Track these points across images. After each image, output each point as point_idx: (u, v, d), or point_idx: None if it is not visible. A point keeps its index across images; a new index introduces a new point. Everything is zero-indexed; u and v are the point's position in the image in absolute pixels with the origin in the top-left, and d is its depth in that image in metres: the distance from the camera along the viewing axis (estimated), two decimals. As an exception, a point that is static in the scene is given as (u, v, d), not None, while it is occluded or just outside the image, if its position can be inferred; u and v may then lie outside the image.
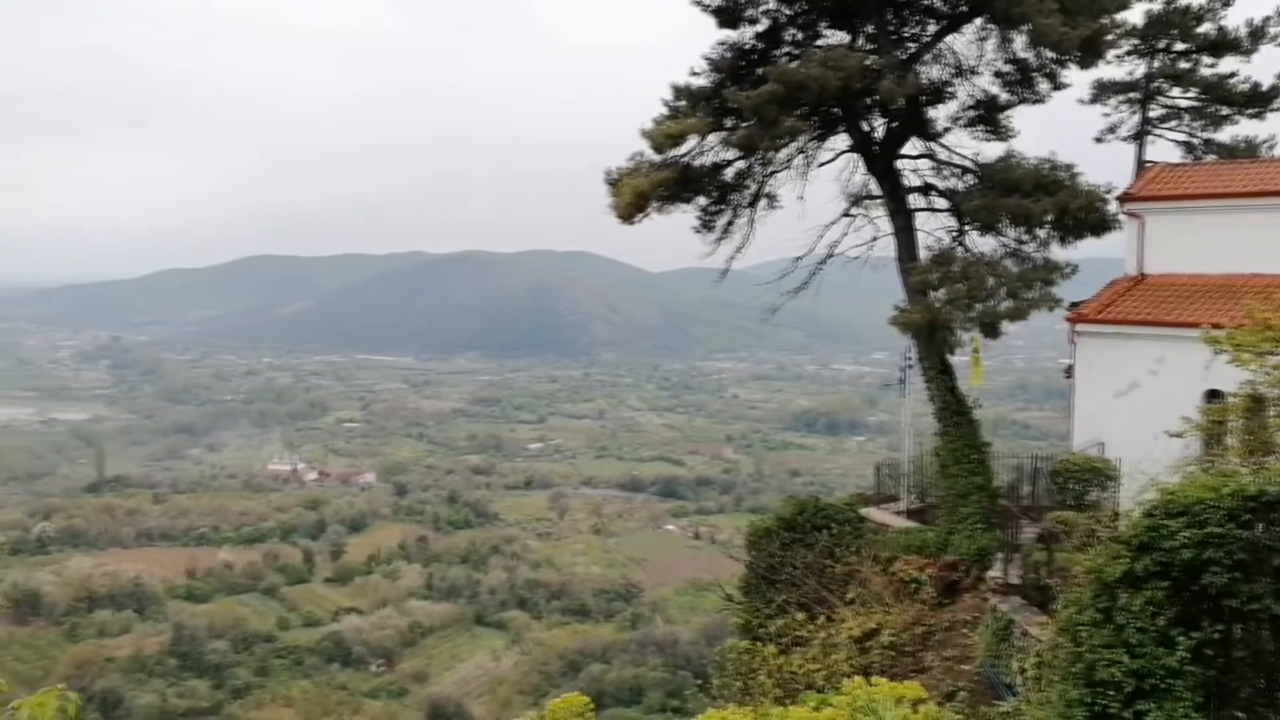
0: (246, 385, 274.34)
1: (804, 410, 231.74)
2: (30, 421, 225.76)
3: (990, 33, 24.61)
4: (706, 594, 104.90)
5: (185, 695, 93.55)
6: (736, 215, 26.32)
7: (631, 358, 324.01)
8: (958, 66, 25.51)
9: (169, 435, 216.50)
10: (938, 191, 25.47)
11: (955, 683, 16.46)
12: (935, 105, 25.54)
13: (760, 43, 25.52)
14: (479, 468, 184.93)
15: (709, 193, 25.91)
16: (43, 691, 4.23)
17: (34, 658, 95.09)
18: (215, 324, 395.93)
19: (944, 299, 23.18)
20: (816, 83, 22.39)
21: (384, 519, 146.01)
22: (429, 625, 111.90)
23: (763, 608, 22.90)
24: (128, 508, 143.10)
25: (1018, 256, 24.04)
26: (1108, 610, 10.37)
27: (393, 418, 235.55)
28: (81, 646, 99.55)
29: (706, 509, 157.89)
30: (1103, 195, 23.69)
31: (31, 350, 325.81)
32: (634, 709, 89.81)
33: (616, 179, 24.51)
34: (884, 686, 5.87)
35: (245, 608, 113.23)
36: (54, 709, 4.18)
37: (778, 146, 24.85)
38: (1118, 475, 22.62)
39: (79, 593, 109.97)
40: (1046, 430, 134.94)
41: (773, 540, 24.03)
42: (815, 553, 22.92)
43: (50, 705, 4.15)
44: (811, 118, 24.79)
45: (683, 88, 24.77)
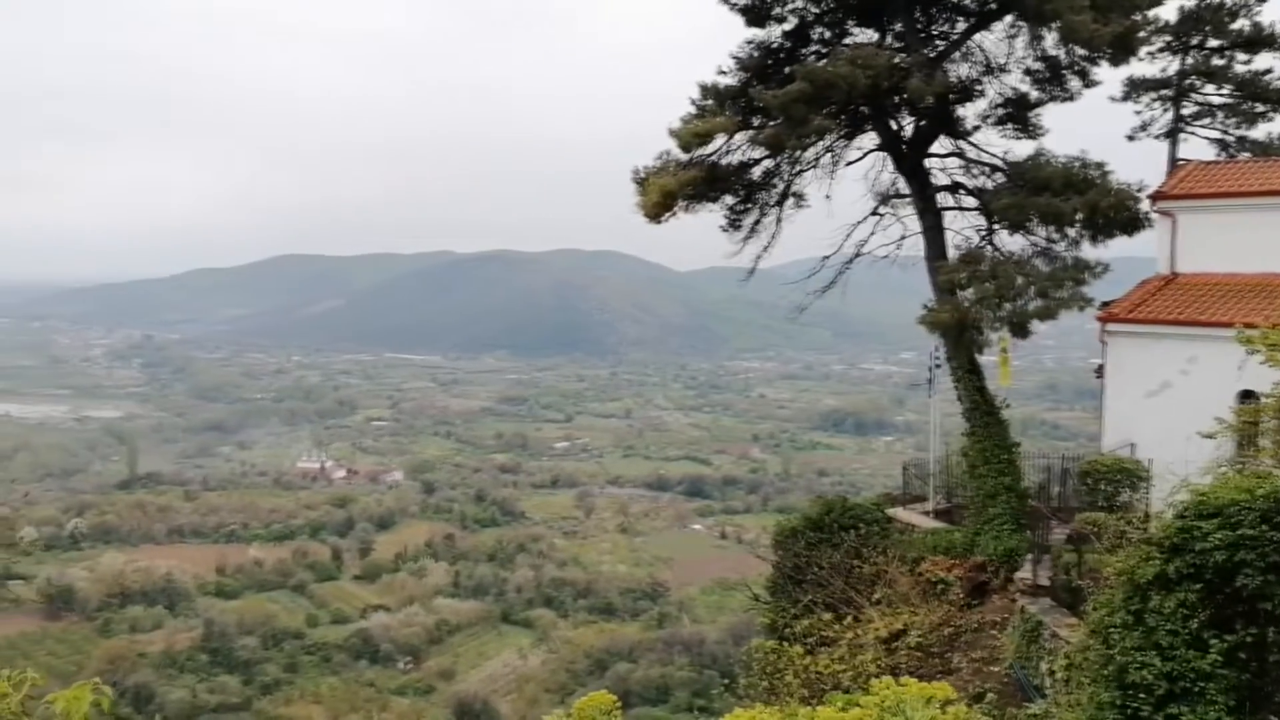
0: (276, 384, 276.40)
1: (831, 410, 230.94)
2: (64, 419, 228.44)
3: (1020, 30, 24.42)
4: (733, 593, 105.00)
5: (216, 691, 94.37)
6: (764, 214, 26.24)
7: (658, 357, 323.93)
8: (987, 64, 25.35)
9: (200, 433, 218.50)
10: (966, 190, 25.30)
11: (983, 684, 16.34)
12: (964, 103, 25.38)
13: (788, 41, 25.43)
14: (506, 466, 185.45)
15: (736, 192, 25.85)
16: (77, 686, 4.28)
17: (67, 652, 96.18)
18: (245, 323, 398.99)
19: (972, 298, 23.03)
20: (845, 81, 22.29)
21: (412, 517, 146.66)
22: (456, 623, 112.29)
23: (789, 608, 22.84)
24: (159, 505, 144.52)
25: (1047, 255, 23.83)
26: (1139, 612, 10.26)
27: (421, 416, 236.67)
28: (114, 642, 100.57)
29: (733, 508, 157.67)
30: (1134, 194, 23.45)
31: (65, 349, 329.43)
32: (660, 708, 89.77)
33: (644, 178, 24.49)
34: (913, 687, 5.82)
35: (275, 604, 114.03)
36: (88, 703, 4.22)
37: (805, 145, 24.77)
38: (1149, 476, 22.41)
39: (111, 588, 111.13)
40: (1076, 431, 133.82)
41: (799, 540, 23.96)
42: (842, 553, 22.84)
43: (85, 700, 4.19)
44: (839, 116, 24.68)
45: (710, 87, 24.73)
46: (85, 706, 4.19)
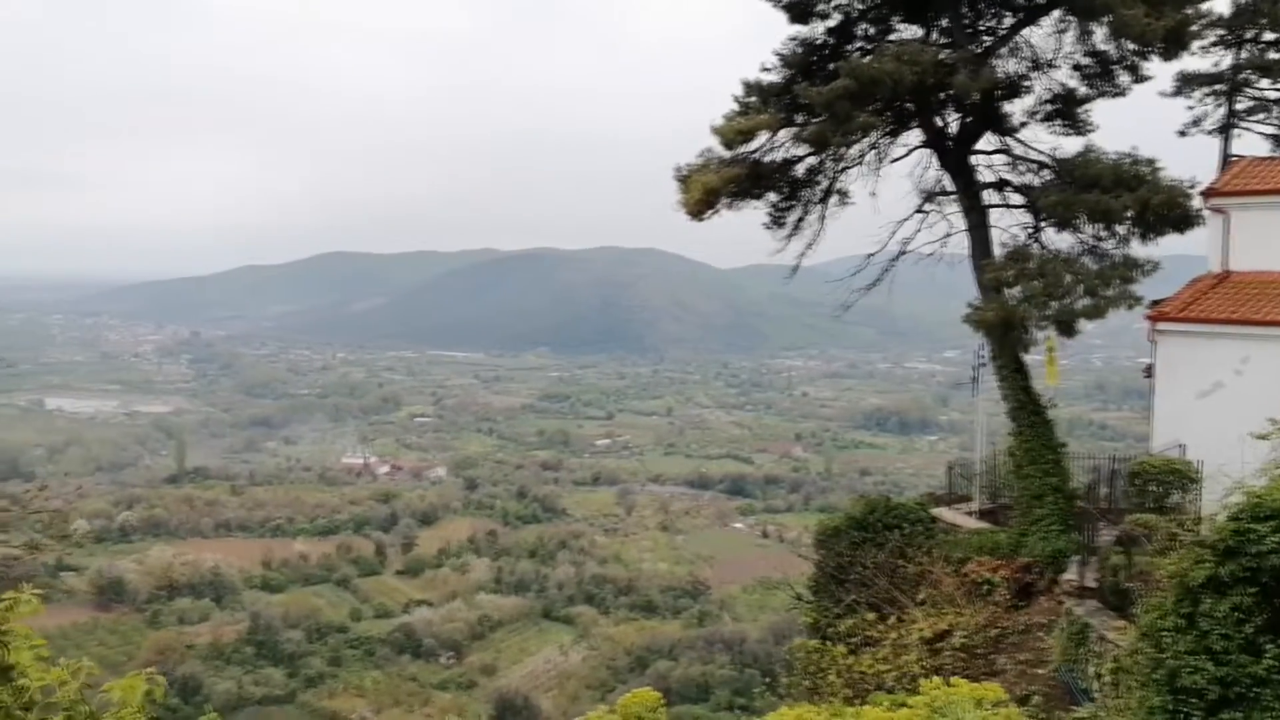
0: (322, 380, 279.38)
1: (875, 409, 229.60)
2: (115, 414, 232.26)
3: (1069, 25, 24.07)
4: (775, 592, 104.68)
5: (261, 683, 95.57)
6: (807, 212, 26.08)
7: (700, 355, 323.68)
8: (1035, 60, 25.00)
9: (247, 428, 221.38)
10: (1013, 187, 25.00)
11: (1029, 686, 16.15)
12: (1011, 99, 25.06)
13: (832, 38, 25.25)
14: (548, 463, 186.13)
15: (779, 189, 25.72)
16: (131, 675, 4.35)
17: (118, 643, 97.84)
18: (291, 319, 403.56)
19: (1019, 296, 22.76)
20: (890, 78, 22.10)
21: (454, 513, 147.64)
22: (498, 619, 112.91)
23: (832, 607, 22.71)
24: (207, 499, 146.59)
25: (1096, 253, 23.48)
26: (1191, 616, 10.10)
27: (463, 413, 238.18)
28: (162, 633, 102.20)
29: (775, 507, 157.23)
30: (1186, 190, 23.01)
31: (115, 344, 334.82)
32: (701, 706, 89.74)
33: (686, 175, 24.44)
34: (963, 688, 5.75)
35: (319, 598, 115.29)
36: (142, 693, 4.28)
37: (850, 142, 24.58)
38: (1200, 478, 22.05)
39: (160, 581, 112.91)
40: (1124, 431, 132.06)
41: (842, 539, 23.81)
42: (886, 552, 22.66)
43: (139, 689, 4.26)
44: (884, 113, 24.47)
45: (754, 83, 24.63)
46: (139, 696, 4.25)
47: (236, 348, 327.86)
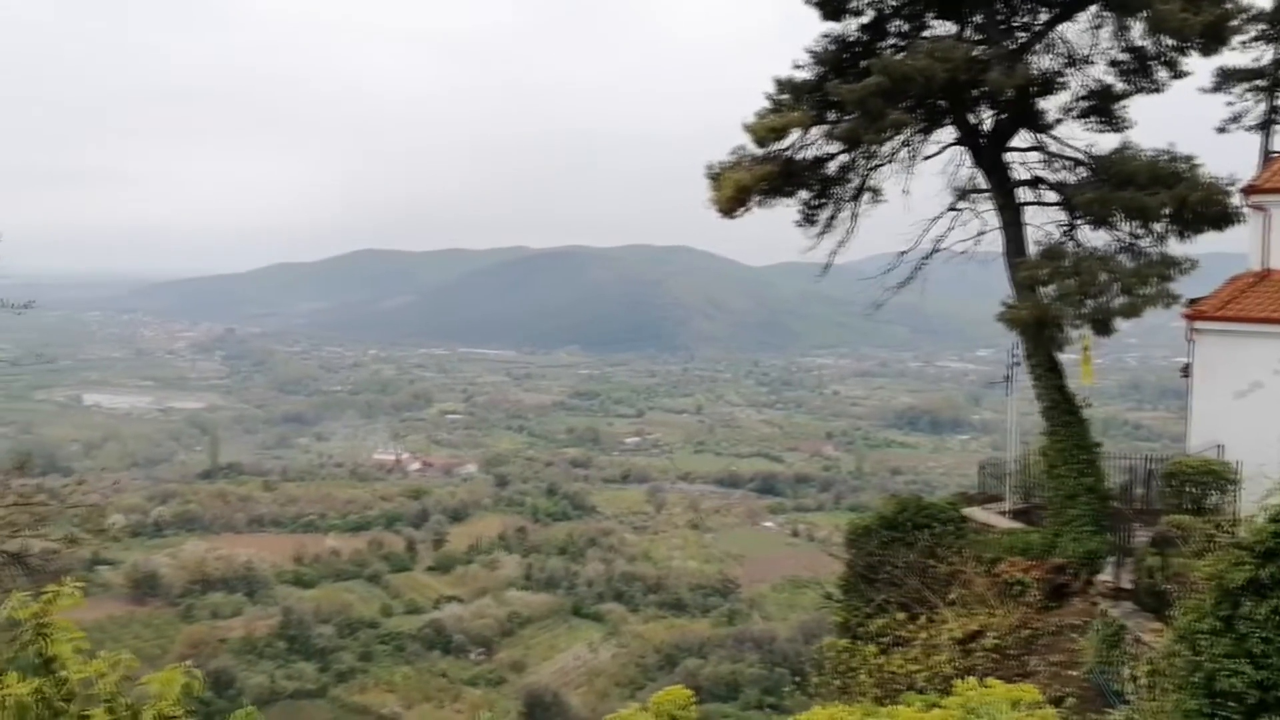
0: (353, 377, 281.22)
1: (906, 408, 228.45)
2: (150, 410, 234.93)
3: (1105, 20, 23.81)
4: (805, 591, 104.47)
5: (293, 677, 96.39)
6: (839, 209, 25.96)
7: (730, 353, 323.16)
8: (1070, 56, 24.74)
9: (279, 424, 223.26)
10: (1048, 185, 24.77)
11: (1062, 688, 16.01)
12: (1046, 96, 24.82)
13: (864, 34, 25.12)
14: (577, 461, 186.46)
15: (811, 186, 25.61)
16: (169, 669, 4.40)
17: (152, 636, 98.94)
18: (324, 317, 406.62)
19: (1053, 295, 22.55)
20: (922, 74, 21.96)
21: (484, 509, 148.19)
22: (527, 615, 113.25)
23: (862, 606, 22.63)
24: (240, 494, 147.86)
25: (1132, 251, 23.20)
26: (1229, 618, 9.97)
27: (494, 410, 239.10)
28: (196, 627, 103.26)
29: (805, 506, 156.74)
30: (1225, 187, 22.68)
31: (150, 341, 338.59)
32: (730, 705, 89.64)
33: (718, 173, 24.40)
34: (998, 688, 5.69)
35: (351, 594, 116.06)
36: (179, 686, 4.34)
37: (882, 140, 24.43)
38: (1238, 479, 21.79)
39: (194, 575, 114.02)
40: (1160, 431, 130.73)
41: (873, 539, 23.71)
42: (917, 552, 22.55)
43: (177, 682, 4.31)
44: (917, 110, 24.31)
45: (785, 81, 24.55)
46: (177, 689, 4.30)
47: (269, 344, 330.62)
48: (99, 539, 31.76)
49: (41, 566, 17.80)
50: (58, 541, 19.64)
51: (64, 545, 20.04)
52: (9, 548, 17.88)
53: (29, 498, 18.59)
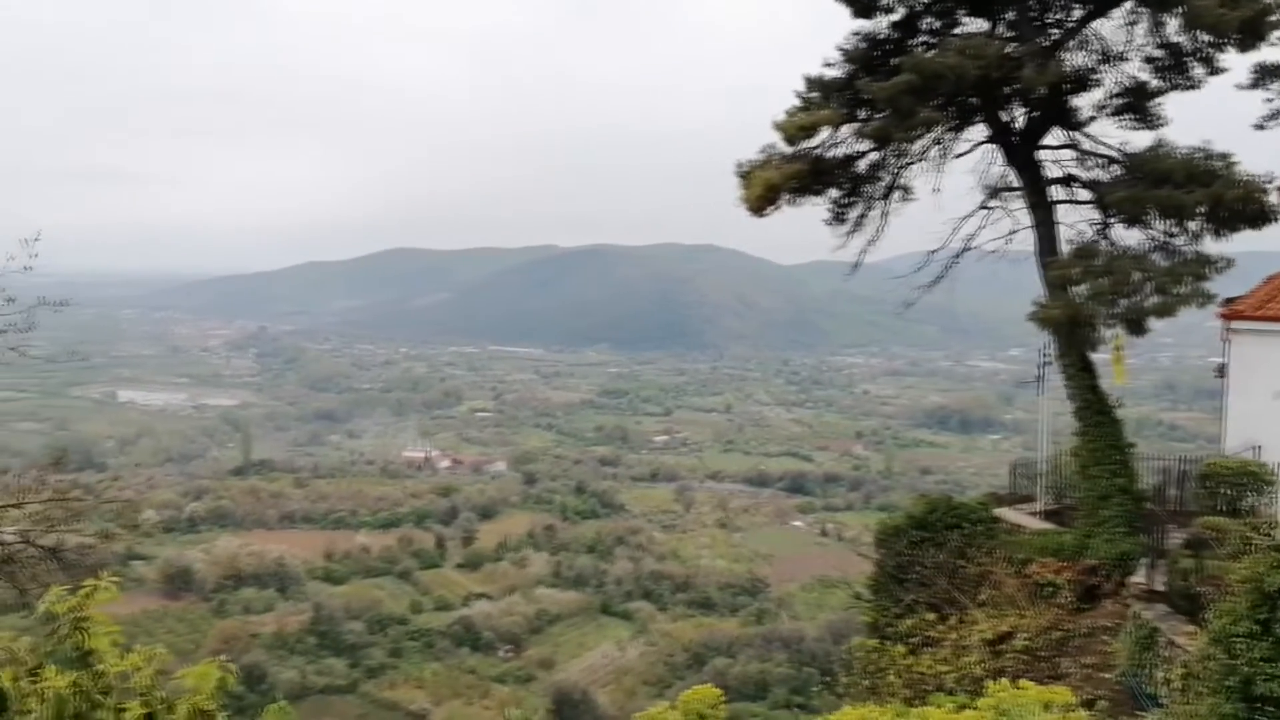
0: (384, 374, 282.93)
1: (937, 407, 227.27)
2: (184, 406, 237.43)
3: (1140, 16, 23.53)
4: (833, 591, 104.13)
5: (324, 673, 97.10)
6: (869, 208, 25.84)
7: (760, 351, 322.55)
8: (1104, 52, 24.48)
9: (311, 422, 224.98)
10: (1081, 183, 24.53)
11: (1094, 691, 15.87)
12: (1079, 93, 24.57)
13: (895, 32, 24.98)
14: (606, 459, 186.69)
15: (841, 185, 25.50)
16: (205, 663, 4.46)
17: (186, 631, 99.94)
18: (355, 315, 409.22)
19: (1086, 294, 22.33)
20: (953, 72, 21.82)
21: (513, 507, 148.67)
22: (556, 613, 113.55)
23: (891, 607, 22.53)
24: (272, 491, 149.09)
25: (1167, 250, 22.93)
26: (1267, 622, 9.86)
27: (523, 408, 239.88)
28: (228, 622, 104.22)
29: (834, 505, 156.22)
30: (1262, 185, 22.35)
31: (185, 339, 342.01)
32: (759, 704, 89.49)
33: (747, 171, 24.36)
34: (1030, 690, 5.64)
35: (380, 590, 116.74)
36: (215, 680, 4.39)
37: (912, 138, 24.29)
38: (1276, 480, 21.52)
39: (226, 570, 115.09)
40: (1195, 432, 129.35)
41: (903, 538, 23.60)
42: (946, 552, 22.42)
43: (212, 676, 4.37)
44: (948, 108, 24.15)
45: (815, 79, 24.46)
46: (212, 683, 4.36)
47: (301, 342, 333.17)
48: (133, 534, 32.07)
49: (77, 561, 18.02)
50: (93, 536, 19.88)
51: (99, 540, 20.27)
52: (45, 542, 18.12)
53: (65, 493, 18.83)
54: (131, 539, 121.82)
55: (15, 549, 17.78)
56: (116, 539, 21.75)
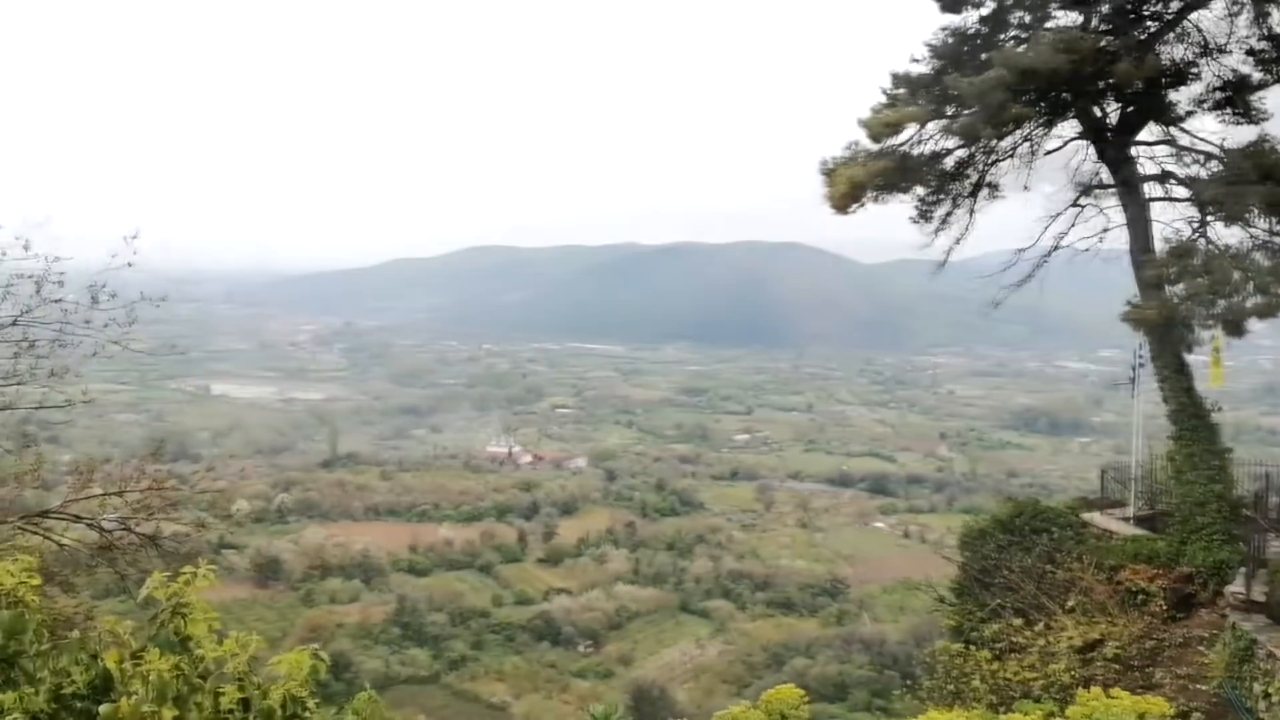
0: (468, 370, 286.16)
1: (1024, 408, 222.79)
2: (273, 400, 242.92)
3: (1243, 7, 22.80)
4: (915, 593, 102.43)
5: (406, 663, 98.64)
6: (956, 205, 25.50)
7: (842, 351, 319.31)
8: (1204, 45, 23.75)
9: (396, 416, 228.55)
10: (1177, 179, 23.87)
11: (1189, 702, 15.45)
12: (1177, 87, 23.91)
13: (984, 27, 24.59)
14: (686, 457, 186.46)
15: (927, 182, 25.19)
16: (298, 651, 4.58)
17: (275, 619, 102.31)
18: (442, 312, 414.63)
19: (1182, 294, 21.75)
20: (1045, 67, 21.41)
21: (593, 503, 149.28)
22: (635, 610, 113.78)
23: (976, 611, 22.21)
24: (357, 483, 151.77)
25: (1269, 249, 22.22)
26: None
27: (603, 405, 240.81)
28: (315, 611, 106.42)
29: (918, 507, 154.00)
30: (1369, 182, 21.56)
31: (274, 334, 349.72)
32: (838, 705, 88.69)
33: (832, 169, 24.21)
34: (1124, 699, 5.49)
35: (463, 583, 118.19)
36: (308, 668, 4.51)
37: (1001, 134, 23.92)
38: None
39: (313, 561, 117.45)
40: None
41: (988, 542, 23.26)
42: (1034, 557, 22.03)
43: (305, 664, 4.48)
44: (1039, 104, 23.70)
45: (902, 75, 24.23)
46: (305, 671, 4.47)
47: (388, 338, 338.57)
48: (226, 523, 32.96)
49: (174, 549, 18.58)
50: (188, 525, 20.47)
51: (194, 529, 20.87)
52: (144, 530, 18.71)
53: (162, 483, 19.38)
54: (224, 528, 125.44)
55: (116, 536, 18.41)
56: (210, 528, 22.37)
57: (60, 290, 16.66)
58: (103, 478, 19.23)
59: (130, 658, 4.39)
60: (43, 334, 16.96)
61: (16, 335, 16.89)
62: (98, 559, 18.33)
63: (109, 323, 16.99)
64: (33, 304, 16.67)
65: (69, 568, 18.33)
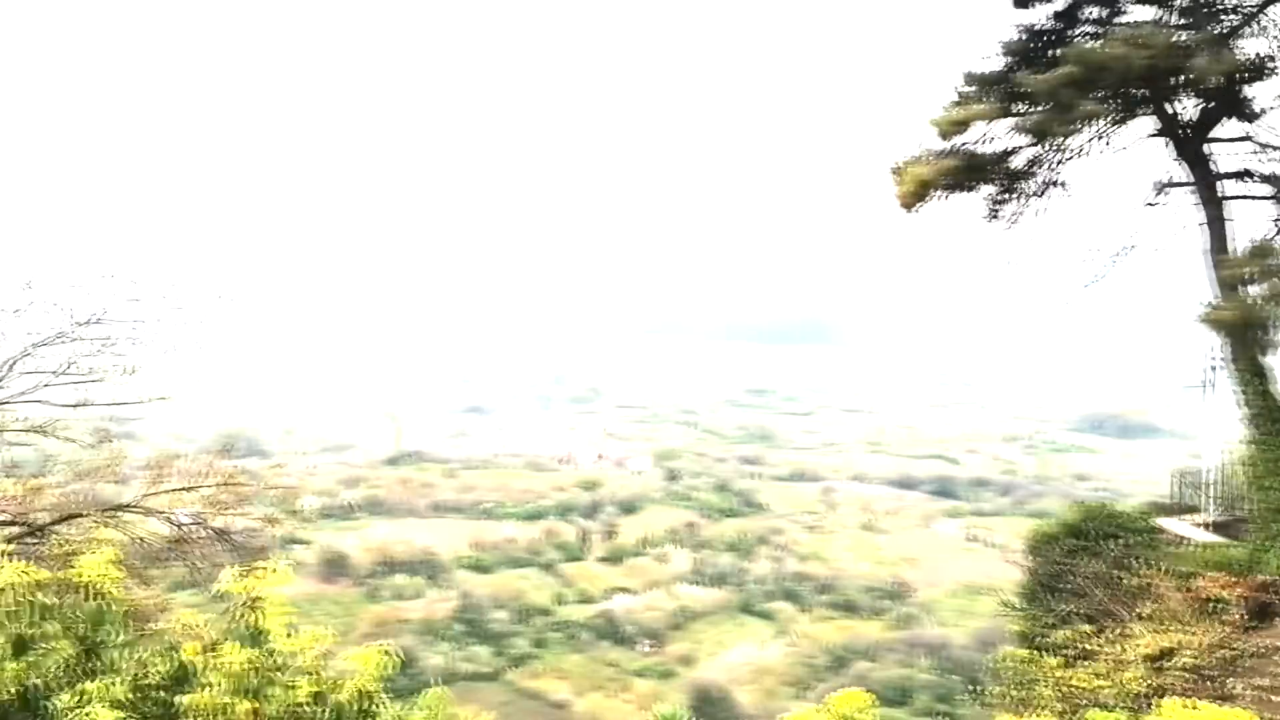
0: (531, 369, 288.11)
1: (1094, 411, 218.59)
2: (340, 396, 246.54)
3: (1327, 0, 22.18)
4: (980, 598, 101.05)
5: (469, 660, 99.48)
6: (1025, 204, 25.11)
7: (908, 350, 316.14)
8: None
9: (461, 414, 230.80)
10: (1257, 177, 23.28)
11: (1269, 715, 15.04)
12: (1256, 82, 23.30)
13: (1057, 23, 24.18)
14: (748, 457, 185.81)
15: (996, 181, 24.84)
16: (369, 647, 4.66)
17: (341, 614, 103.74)
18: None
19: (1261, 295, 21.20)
20: (1119, 63, 20.98)
21: (655, 503, 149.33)
22: (697, 610, 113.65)
23: (1043, 616, 21.85)
24: (422, 480, 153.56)
25: (1352, 249, 21.61)
26: None
27: (666, 404, 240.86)
28: (380, 607, 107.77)
29: (983, 510, 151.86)
30: None
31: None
32: (901, 710, 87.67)
33: (899, 167, 23.97)
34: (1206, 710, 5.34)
35: (525, 581, 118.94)
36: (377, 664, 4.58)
37: (1072, 132, 23.49)
38: None
39: (379, 557, 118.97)
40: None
41: (1056, 546, 22.88)
42: (1104, 562, 21.60)
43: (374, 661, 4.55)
44: (1112, 100, 23.23)
45: (972, 73, 23.91)
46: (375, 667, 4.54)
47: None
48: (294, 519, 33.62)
49: (244, 544, 18.97)
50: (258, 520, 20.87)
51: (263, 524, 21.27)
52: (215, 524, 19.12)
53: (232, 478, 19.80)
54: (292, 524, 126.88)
55: (189, 530, 18.83)
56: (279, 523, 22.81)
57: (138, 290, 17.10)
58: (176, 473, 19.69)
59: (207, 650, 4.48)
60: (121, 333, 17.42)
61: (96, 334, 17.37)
62: (171, 552, 18.78)
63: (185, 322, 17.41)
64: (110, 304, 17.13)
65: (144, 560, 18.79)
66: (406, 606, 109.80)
